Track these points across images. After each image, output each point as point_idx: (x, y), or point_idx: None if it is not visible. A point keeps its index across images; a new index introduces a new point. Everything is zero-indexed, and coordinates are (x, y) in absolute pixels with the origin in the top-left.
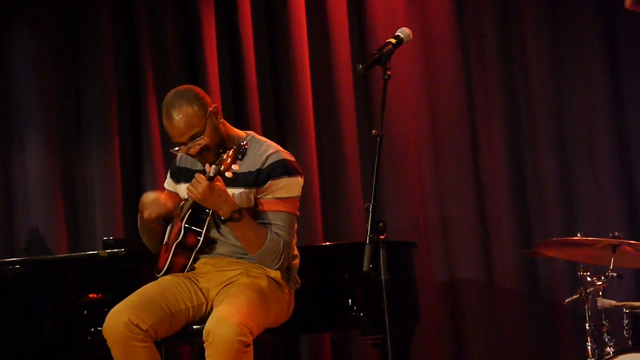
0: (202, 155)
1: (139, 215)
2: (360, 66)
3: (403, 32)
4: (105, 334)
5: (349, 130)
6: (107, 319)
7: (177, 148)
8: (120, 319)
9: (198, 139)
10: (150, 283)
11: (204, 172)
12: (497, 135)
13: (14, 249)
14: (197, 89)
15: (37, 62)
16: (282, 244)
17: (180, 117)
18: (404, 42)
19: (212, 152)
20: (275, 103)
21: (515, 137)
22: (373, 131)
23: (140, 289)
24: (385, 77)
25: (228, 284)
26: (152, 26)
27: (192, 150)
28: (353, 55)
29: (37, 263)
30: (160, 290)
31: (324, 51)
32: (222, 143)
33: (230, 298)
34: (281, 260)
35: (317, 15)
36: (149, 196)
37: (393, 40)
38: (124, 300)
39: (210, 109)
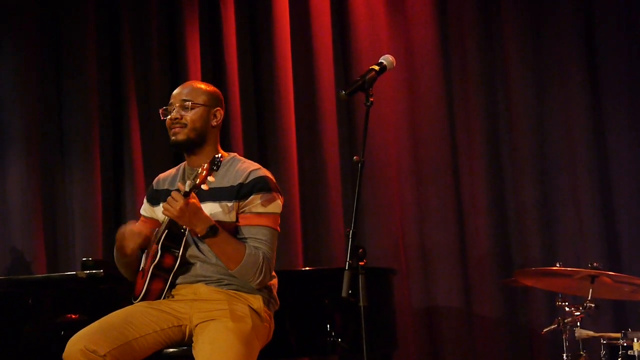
0: (174, 129)
1: (115, 247)
2: (343, 92)
3: (386, 59)
4: None
5: (331, 155)
6: (67, 346)
7: (164, 107)
8: (77, 346)
9: (186, 106)
10: (116, 311)
11: (178, 190)
12: (479, 161)
13: None
14: (221, 95)
15: (21, 81)
16: (261, 257)
17: (189, 85)
18: (387, 69)
19: (187, 131)
20: (258, 127)
21: (496, 164)
22: (355, 157)
23: (103, 317)
24: (368, 103)
25: (211, 320)
26: (137, 48)
27: (173, 114)
28: (337, 81)
29: (15, 283)
30: (124, 316)
31: (307, 76)
32: (200, 138)
33: (218, 354)
34: (262, 274)
35: (301, 40)
36: (126, 228)
37: (376, 67)
38: (84, 328)
39: (216, 108)
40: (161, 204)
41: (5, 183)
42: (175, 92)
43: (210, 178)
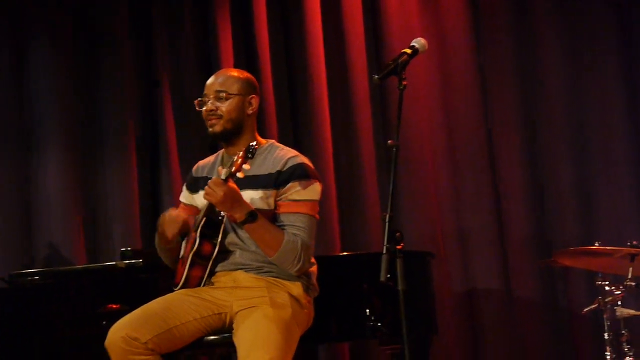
0: (210, 120)
1: (156, 234)
2: (376, 77)
3: (418, 42)
4: (107, 349)
5: (366, 140)
6: (108, 334)
7: (199, 99)
8: (118, 334)
9: (221, 97)
10: (156, 299)
11: (218, 176)
12: (514, 144)
13: (34, 260)
14: (256, 82)
15: (56, 75)
16: (299, 244)
17: (222, 74)
18: (420, 52)
19: (223, 122)
20: (292, 115)
21: (532, 146)
22: (389, 141)
23: (144, 305)
24: (401, 87)
25: (251, 307)
26: (170, 41)
27: (208, 106)
28: (369, 66)
29: (56, 274)
30: (165, 304)
31: (340, 62)
32: (237, 127)
33: (259, 342)
34: (301, 261)
35: (333, 27)
36: (167, 215)
37: (408, 51)
38: (125, 316)
39: (251, 96)
40: (200, 192)
41: (44, 177)
42: (208, 82)
43: (245, 166)
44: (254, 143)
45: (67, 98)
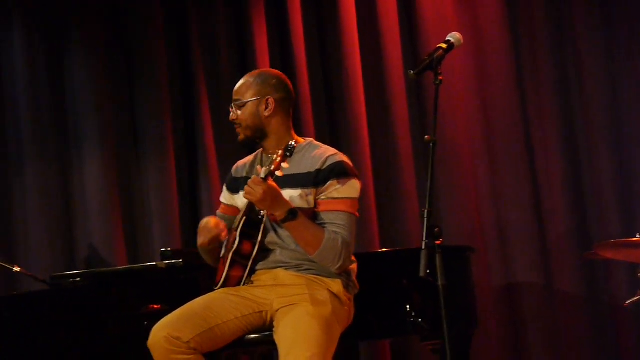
0: (236, 129)
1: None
2: (412, 72)
3: (454, 36)
4: (150, 349)
5: (403, 135)
6: (150, 334)
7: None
8: (161, 334)
9: (238, 105)
10: (197, 298)
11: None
12: (552, 136)
13: (74, 261)
14: (277, 78)
15: (92, 77)
16: (340, 242)
17: (241, 81)
18: (455, 46)
19: (243, 130)
20: (328, 110)
21: (570, 138)
22: (426, 137)
23: (185, 305)
24: (437, 82)
25: (292, 305)
26: (205, 38)
27: (231, 115)
28: (405, 61)
29: (98, 275)
30: (205, 304)
31: (375, 57)
32: (258, 132)
33: (300, 339)
34: (341, 259)
35: (368, 21)
36: (204, 222)
37: (444, 45)
38: (167, 316)
39: (269, 97)
40: (240, 192)
41: (83, 178)
42: (234, 89)
43: (284, 164)
44: (293, 142)
45: (104, 100)
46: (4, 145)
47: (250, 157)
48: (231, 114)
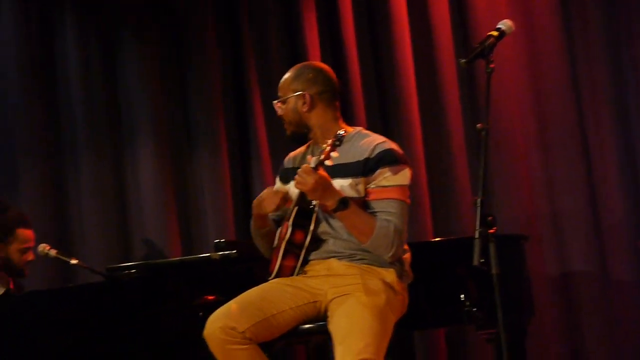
0: (283, 124)
1: (252, 220)
2: (463, 61)
3: (505, 24)
4: (206, 339)
5: (455, 124)
6: (206, 324)
7: None
8: (216, 324)
9: (280, 102)
10: (252, 289)
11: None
12: (607, 123)
13: (130, 254)
14: (315, 71)
15: (146, 72)
16: (392, 229)
17: (284, 76)
18: (506, 34)
19: (287, 125)
20: (380, 100)
21: (625, 126)
22: (478, 125)
23: (240, 295)
24: (489, 70)
25: (345, 294)
26: (256, 31)
27: (278, 112)
28: (456, 49)
29: (153, 267)
30: (260, 294)
31: (426, 47)
32: (301, 127)
33: (354, 329)
34: (394, 247)
35: (418, 11)
36: (267, 189)
37: (495, 33)
38: (222, 306)
39: (305, 92)
40: (291, 182)
41: (137, 171)
42: (279, 85)
43: (333, 154)
44: (342, 131)
45: (157, 96)
46: (59, 142)
47: (302, 149)
48: (278, 110)
